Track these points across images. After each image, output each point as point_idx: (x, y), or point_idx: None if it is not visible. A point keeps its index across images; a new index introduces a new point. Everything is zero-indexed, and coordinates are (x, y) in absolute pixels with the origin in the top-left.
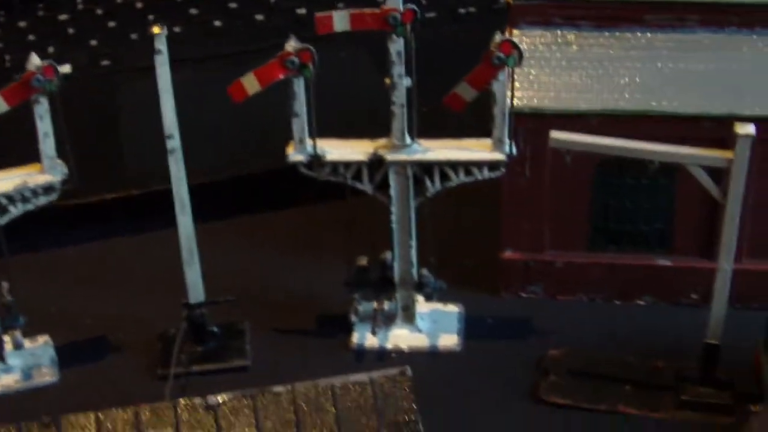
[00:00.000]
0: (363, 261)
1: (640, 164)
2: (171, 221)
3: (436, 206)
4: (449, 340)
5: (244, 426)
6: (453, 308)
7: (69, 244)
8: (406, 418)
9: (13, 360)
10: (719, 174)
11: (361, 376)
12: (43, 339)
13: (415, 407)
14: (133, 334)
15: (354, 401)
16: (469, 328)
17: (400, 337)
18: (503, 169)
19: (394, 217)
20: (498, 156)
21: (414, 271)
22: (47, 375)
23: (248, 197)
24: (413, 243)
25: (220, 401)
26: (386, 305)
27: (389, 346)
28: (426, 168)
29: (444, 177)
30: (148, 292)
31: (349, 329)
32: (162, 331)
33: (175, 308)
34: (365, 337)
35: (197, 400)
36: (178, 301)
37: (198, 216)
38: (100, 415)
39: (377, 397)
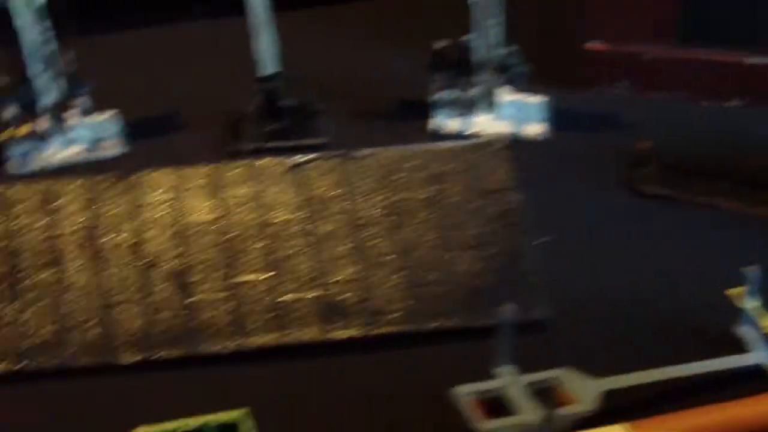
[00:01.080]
0: (443, 43)
1: None
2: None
3: None
4: (533, 128)
5: (332, 183)
6: (537, 98)
7: (140, 26)
8: (501, 185)
9: (80, 131)
10: None
11: (454, 143)
12: (111, 113)
13: (512, 174)
14: (205, 111)
15: (447, 165)
16: (554, 118)
17: (482, 123)
18: None
19: None
20: None
21: (497, 53)
22: (113, 147)
23: None
24: (495, 22)
25: (304, 160)
26: (469, 91)
27: (470, 131)
28: None
29: None
30: (223, 75)
31: (428, 114)
32: (235, 109)
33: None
34: (445, 122)
35: (278, 159)
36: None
37: (278, 7)
38: (180, 172)
39: (469, 162)
